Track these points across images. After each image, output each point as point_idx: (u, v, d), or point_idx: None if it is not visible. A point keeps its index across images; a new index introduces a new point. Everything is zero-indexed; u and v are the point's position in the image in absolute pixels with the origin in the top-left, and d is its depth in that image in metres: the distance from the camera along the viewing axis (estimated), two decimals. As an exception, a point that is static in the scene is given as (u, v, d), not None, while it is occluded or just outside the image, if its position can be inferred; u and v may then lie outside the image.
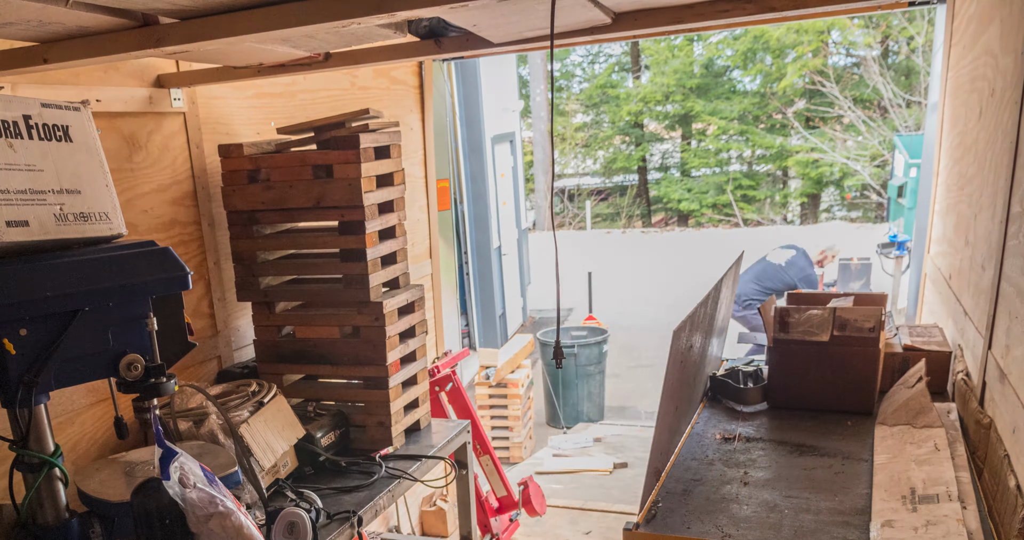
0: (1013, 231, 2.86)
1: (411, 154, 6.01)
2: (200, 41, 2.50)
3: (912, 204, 12.85)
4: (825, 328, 3.88)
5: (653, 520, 3.00)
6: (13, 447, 2.49)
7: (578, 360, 10.16)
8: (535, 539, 6.24)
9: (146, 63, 3.72)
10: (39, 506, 2.57)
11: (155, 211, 3.79)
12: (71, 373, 2.45)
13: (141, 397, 2.58)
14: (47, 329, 2.37)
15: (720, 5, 2.92)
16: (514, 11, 2.71)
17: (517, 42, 3.35)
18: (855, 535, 2.79)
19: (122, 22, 2.54)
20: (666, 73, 29.76)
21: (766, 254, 9.82)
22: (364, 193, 3.77)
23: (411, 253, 6.00)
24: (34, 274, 2.33)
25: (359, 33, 3.08)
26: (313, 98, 4.83)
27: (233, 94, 4.24)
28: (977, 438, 3.22)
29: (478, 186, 11.34)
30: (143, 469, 2.76)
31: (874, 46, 25.15)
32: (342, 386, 4.23)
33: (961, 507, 2.72)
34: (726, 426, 3.91)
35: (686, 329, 3.14)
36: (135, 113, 3.67)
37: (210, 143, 4.08)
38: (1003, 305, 2.98)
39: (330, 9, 2.29)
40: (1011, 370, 2.78)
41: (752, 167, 30.76)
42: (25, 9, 2.32)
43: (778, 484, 3.24)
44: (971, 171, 3.91)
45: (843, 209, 29.42)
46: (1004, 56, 3.22)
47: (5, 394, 2.37)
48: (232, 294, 4.23)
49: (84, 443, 3.47)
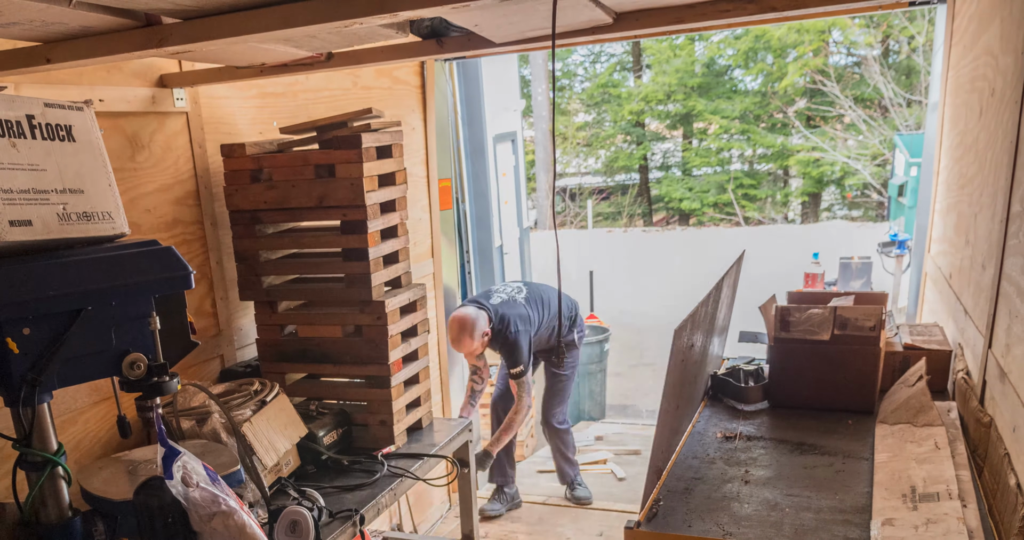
0: (1013, 230, 2.86)
1: (413, 153, 6.01)
2: (203, 41, 2.50)
3: (913, 203, 12.84)
4: (826, 327, 3.88)
5: (654, 518, 3.00)
6: (16, 446, 2.49)
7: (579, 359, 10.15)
8: (537, 537, 6.24)
9: (149, 63, 3.73)
10: (42, 504, 2.57)
11: (158, 210, 3.79)
12: (74, 372, 2.45)
13: (144, 396, 2.59)
14: (50, 328, 2.37)
15: (721, 5, 2.92)
16: (516, 11, 2.71)
17: (519, 42, 3.35)
18: (856, 533, 2.79)
19: (125, 22, 2.54)
20: (667, 72, 29.73)
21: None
22: (366, 192, 3.77)
23: (413, 252, 6.00)
24: (37, 273, 2.33)
25: (361, 33, 3.08)
26: (315, 98, 4.83)
27: (235, 94, 4.24)
28: (977, 437, 3.22)
29: (480, 185, 11.32)
30: (146, 468, 2.76)
31: (875, 46, 25.11)
32: (345, 385, 4.24)
33: (961, 505, 2.72)
34: (727, 425, 3.91)
35: (687, 328, 3.14)
36: (138, 113, 3.68)
37: (212, 143, 4.08)
38: (1003, 304, 2.97)
39: (333, 9, 2.28)
40: (1011, 369, 2.78)
41: (753, 166, 30.72)
42: (28, 9, 2.32)
43: (779, 482, 3.24)
44: (971, 170, 3.90)
45: (844, 208, 29.39)
46: (1004, 56, 3.22)
47: (8, 393, 2.37)
48: (235, 293, 4.24)
49: (87, 442, 3.48)
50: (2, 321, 2.29)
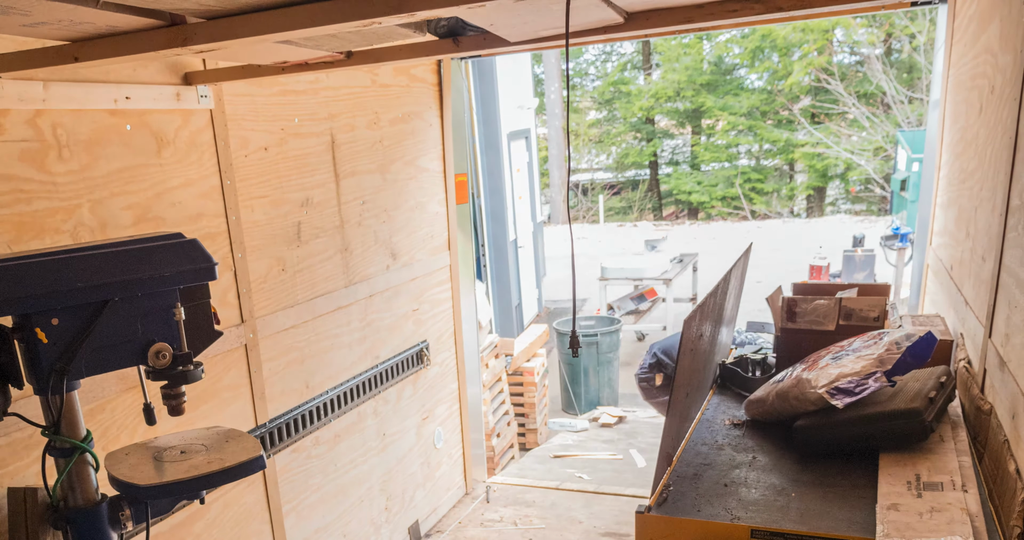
0: (1012, 223, 2.84)
1: (430, 149, 6.00)
2: (226, 40, 2.49)
3: (915, 197, 12.80)
4: (831, 317, 3.87)
5: (664, 503, 2.99)
6: (45, 432, 2.49)
7: (600, 348, 10.19)
8: (551, 521, 6.24)
9: (174, 61, 3.72)
10: (70, 489, 2.57)
11: (183, 204, 3.79)
12: (101, 361, 2.45)
13: (169, 384, 2.59)
14: (78, 319, 2.37)
15: (729, 5, 2.90)
16: (530, 11, 2.69)
17: (533, 41, 3.34)
18: (860, 517, 2.78)
19: (150, 22, 2.53)
20: (677, 70, 29.72)
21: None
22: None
23: (430, 245, 6.00)
24: (66, 265, 2.33)
25: (380, 32, 3.07)
26: (335, 95, 4.82)
27: (258, 91, 4.23)
28: (978, 423, 3.20)
29: (495, 181, 11.34)
30: (171, 454, 2.76)
31: (877, 44, 25.03)
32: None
33: (963, 491, 2.71)
34: (735, 412, 3.90)
35: (696, 318, 3.13)
36: (164, 110, 3.67)
37: (236, 139, 4.07)
38: (1003, 295, 2.95)
39: (352, 9, 2.27)
40: (1010, 358, 2.76)
41: (760, 161, 30.70)
42: (57, 9, 2.31)
43: (785, 468, 3.23)
44: (971, 165, 3.88)
45: (848, 202, 29.34)
46: (1004, 54, 3.20)
47: (38, 381, 2.37)
48: (257, 285, 4.23)
49: (114, 429, 3.48)
50: (31, 312, 2.30)
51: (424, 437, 6.08)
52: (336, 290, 4.89)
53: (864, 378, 3.13)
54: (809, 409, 3.29)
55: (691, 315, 3.02)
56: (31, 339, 2.33)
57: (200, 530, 3.94)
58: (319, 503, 4.83)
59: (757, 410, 3.67)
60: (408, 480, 5.88)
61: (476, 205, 9.87)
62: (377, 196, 5.29)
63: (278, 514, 4.44)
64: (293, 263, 4.51)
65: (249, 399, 4.22)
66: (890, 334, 3.38)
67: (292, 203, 4.48)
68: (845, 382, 3.15)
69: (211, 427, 3.04)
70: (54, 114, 3.16)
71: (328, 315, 4.84)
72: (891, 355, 3.20)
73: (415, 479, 5.99)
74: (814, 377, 3.30)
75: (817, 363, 3.47)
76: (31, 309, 2.29)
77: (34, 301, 2.27)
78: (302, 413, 4.62)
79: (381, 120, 5.30)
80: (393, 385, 5.60)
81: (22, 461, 3.07)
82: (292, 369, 4.55)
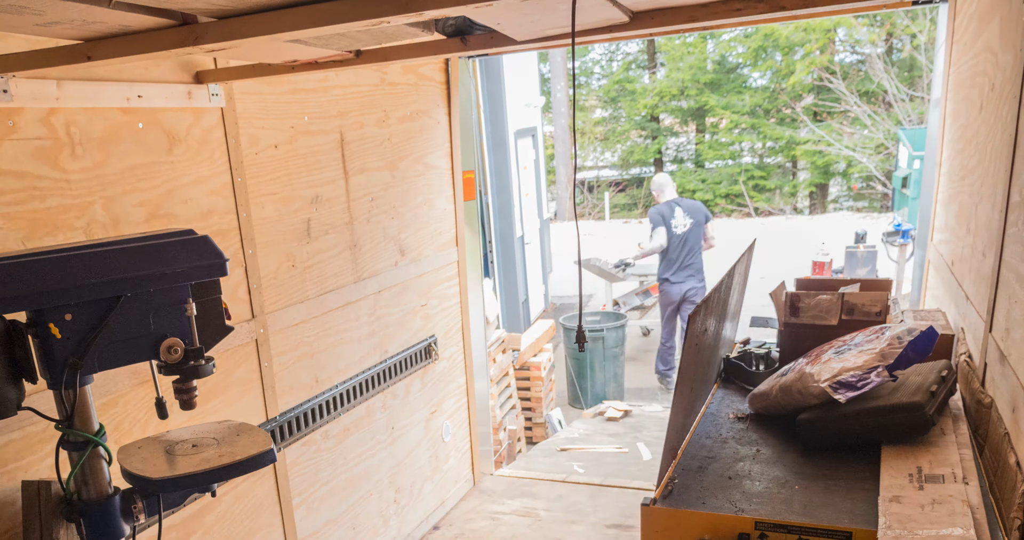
0: (1012, 219, 2.83)
1: (438, 146, 5.99)
2: (237, 39, 2.48)
3: (916, 194, 12.77)
4: (834, 312, 3.85)
5: (669, 496, 2.98)
6: (59, 426, 2.50)
7: (605, 343, 10.19)
8: (557, 513, 6.24)
9: (185, 60, 3.72)
10: (84, 483, 2.58)
11: (194, 201, 3.78)
12: (114, 356, 2.46)
13: (181, 379, 2.59)
14: (91, 314, 2.38)
15: (733, 4, 2.89)
16: (536, 10, 2.68)
17: (539, 40, 3.33)
18: (863, 509, 2.77)
19: (162, 21, 2.53)
20: (681, 69, 29.70)
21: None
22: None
23: (438, 241, 5.99)
24: (79, 262, 2.33)
25: (388, 31, 3.06)
26: (344, 94, 4.82)
27: (268, 89, 4.23)
28: (979, 417, 3.19)
29: (502, 178, 11.34)
30: (183, 447, 2.76)
31: (878, 43, 24.99)
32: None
33: (964, 484, 2.70)
34: (739, 406, 3.89)
35: (701, 313, 3.12)
36: (175, 108, 3.67)
37: (247, 136, 4.07)
38: (1003, 290, 2.94)
39: (361, 8, 2.27)
40: (1010, 352, 2.75)
41: (763, 159, 30.67)
42: (70, 9, 2.31)
43: (788, 461, 3.22)
44: (972, 162, 3.86)
45: (850, 199, 29.30)
46: (1004, 53, 3.18)
47: (51, 376, 2.38)
48: (268, 280, 4.23)
49: (127, 423, 3.48)
50: (45, 307, 2.30)
51: (432, 431, 6.08)
52: (345, 286, 4.89)
53: (866, 372, 3.12)
54: (812, 403, 3.28)
55: (695, 310, 3.01)
56: (45, 334, 2.33)
57: (212, 522, 3.94)
58: (329, 496, 4.83)
59: (761, 404, 3.66)
60: (416, 473, 5.88)
61: (483, 202, 9.87)
62: (386, 193, 5.29)
63: (288, 507, 4.44)
64: (303, 259, 4.50)
65: (260, 393, 4.22)
66: (892, 329, 3.36)
67: (302, 200, 4.47)
68: (848, 376, 3.14)
69: (222, 421, 3.04)
70: (67, 112, 3.16)
71: (337, 310, 4.84)
72: (893, 349, 3.18)
73: (423, 472, 5.99)
74: (817, 371, 3.29)
75: (820, 357, 3.46)
76: (45, 305, 2.30)
77: (48, 297, 2.28)
78: (312, 407, 4.62)
79: (390, 118, 5.29)
80: (401, 379, 5.60)
81: (36, 455, 3.07)
82: (302, 364, 4.55)
